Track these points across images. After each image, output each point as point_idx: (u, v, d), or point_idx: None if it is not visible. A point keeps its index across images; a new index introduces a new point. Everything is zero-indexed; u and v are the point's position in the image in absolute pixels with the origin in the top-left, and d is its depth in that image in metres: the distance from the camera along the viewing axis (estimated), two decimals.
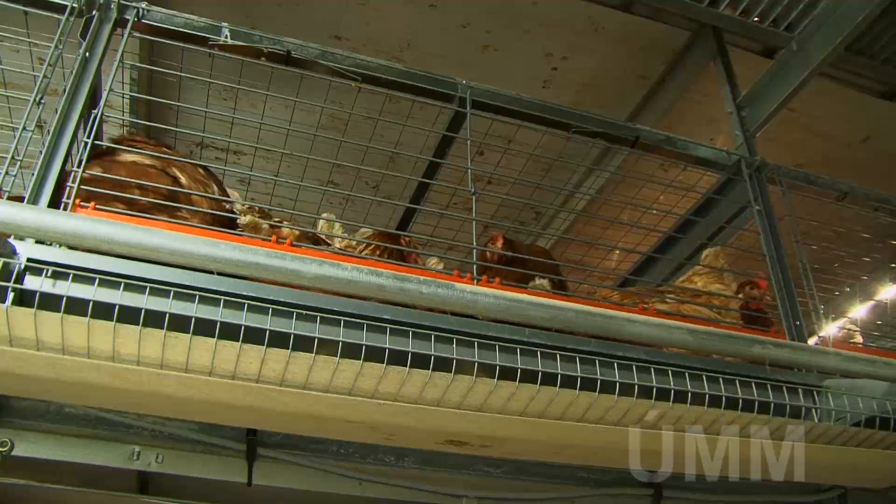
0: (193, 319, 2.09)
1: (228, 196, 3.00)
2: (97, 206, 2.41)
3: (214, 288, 2.20)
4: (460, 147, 3.42)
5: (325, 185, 3.81)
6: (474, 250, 2.88)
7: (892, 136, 5.72)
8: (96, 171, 2.55)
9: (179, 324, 2.07)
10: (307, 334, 2.15)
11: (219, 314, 2.13)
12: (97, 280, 2.05)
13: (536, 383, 2.27)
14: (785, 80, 4.03)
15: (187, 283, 2.17)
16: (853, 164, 5.75)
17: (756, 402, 2.55)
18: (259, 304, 2.18)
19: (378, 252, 3.30)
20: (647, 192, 3.81)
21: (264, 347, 2.11)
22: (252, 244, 2.36)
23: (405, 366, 2.19)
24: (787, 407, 2.63)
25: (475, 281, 2.64)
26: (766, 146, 4.35)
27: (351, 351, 2.18)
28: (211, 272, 2.26)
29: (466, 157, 3.11)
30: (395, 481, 2.66)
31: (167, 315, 2.05)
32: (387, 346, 2.21)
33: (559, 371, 2.31)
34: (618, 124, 3.60)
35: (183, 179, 2.78)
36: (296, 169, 3.74)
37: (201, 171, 2.89)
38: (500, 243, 3.64)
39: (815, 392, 2.80)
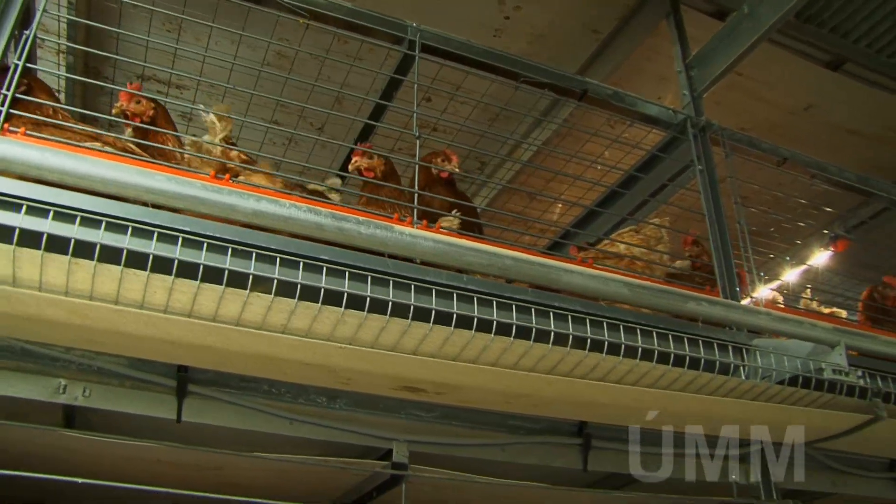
0: (125, 251, 2.03)
1: None
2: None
3: (149, 221, 2.14)
4: (407, 92, 3.37)
5: (268, 124, 3.73)
6: (416, 194, 2.84)
7: (834, 107, 5.81)
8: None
9: (110, 255, 2.02)
10: (242, 270, 2.11)
11: (152, 247, 2.07)
12: (24, 207, 1.98)
13: (472, 329, 2.26)
14: (734, 43, 4.04)
15: (120, 215, 2.10)
16: (795, 132, 5.83)
17: (687, 358, 2.59)
18: (194, 238, 2.12)
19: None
20: (593, 146, 3.81)
21: (198, 282, 2.06)
22: (189, 177, 2.30)
23: (340, 306, 2.17)
24: (717, 363, 2.68)
25: (415, 225, 2.61)
26: (713, 108, 4.39)
27: (285, 289, 2.15)
28: (146, 205, 2.20)
29: (413, 101, 3.06)
30: (326, 422, 2.65)
31: (97, 246, 1.99)
32: (322, 285, 2.18)
33: (494, 318, 2.31)
34: (567, 76, 3.57)
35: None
36: (239, 106, 3.65)
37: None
38: (455, 160, 3.52)
39: (744, 350, 2.86)
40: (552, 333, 2.37)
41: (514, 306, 2.36)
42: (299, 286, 2.16)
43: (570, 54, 4.93)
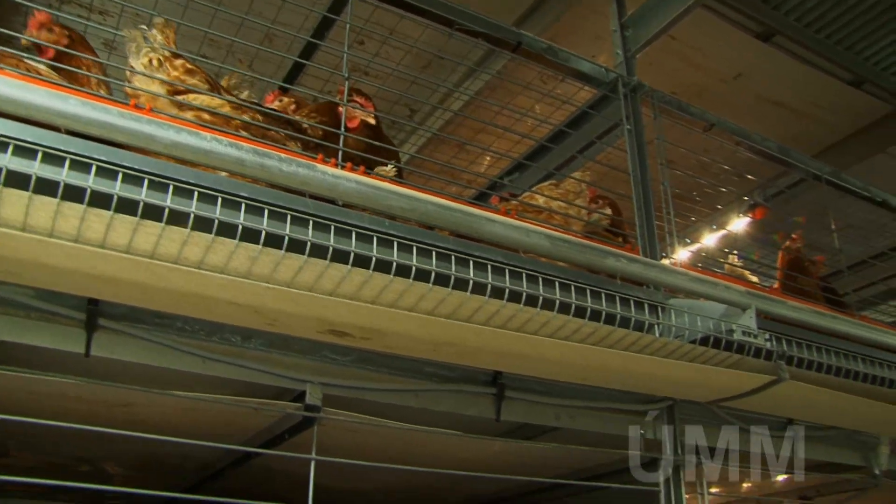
0: (34, 177, 1.95)
1: None
2: None
3: (62, 147, 2.05)
4: (339, 33, 3.30)
5: (195, 57, 3.62)
6: (342, 136, 2.80)
7: (763, 78, 5.92)
8: None
9: (18, 181, 1.93)
10: (158, 203, 2.05)
11: (63, 174, 1.99)
12: None
13: (390, 273, 2.25)
14: (670, 6, 4.06)
15: (30, 139, 2.01)
16: (723, 100, 5.93)
17: (604, 313, 2.63)
18: (110, 167, 2.05)
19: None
20: (524, 100, 3.81)
21: (111, 213, 2.00)
22: (106, 104, 2.21)
23: (258, 244, 2.13)
24: (633, 320, 2.72)
25: (339, 167, 2.57)
26: (645, 70, 4.41)
27: (202, 224, 2.09)
28: (59, 130, 2.11)
29: (345, 42, 3.00)
30: (239, 362, 2.61)
31: (3, 170, 1.91)
32: (240, 222, 2.13)
33: (414, 263, 2.29)
34: (502, 27, 3.54)
35: None
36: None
37: None
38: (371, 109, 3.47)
39: (659, 308, 2.91)
40: (471, 282, 2.37)
41: (434, 253, 2.35)
42: (216, 221, 2.11)
43: (507, 6, 4.89)
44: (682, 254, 4.38)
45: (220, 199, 2.15)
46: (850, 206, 5.34)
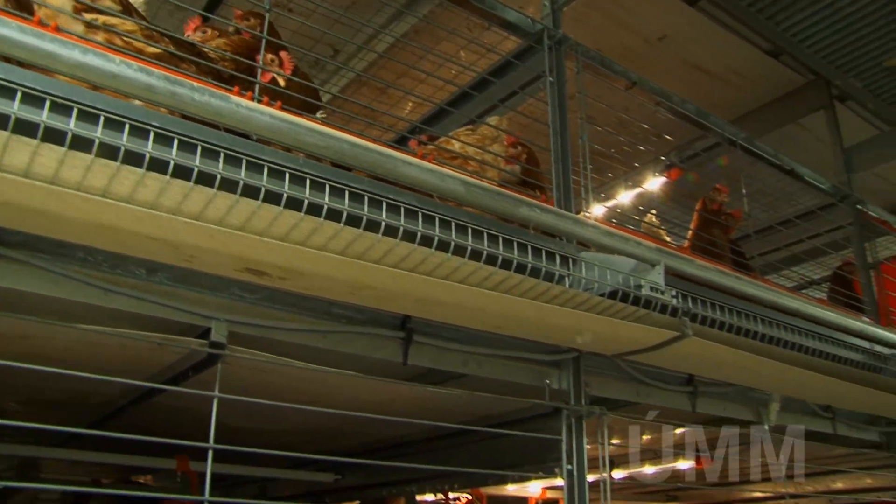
0: None
1: None
2: None
3: None
4: None
5: None
6: (259, 69, 2.73)
7: (687, 42, 6.00)
8: None
9: None
10: (59, 127, 1.96)
11: None
12: None
13: (301, 211, 2.21)
14: None
15: None
16: (647, 61, 5.99)
17: (515, 262, 2.64)
18: (8, 86, 1.94)
19: None
20: (449, 45, 3.77)
21: (8, 134, 1.90)
22: (4, 16, 2.10)
23: (166, 174, 2.06)
24: (543, 271, 2.75)
25: (256, 100, 2.50)
26: (571, 25, 4.41)
27: (108, 152, 2.02)
28: None
29: None
30: (143, 296, 2.54)
31: None
32: (148, 151, 2.06)
33: (326, 202, 2.26)
34: None
35: None
36: None
37: None
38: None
39: (570, 261, 2.94)
40: (383, 224, 2.35)
41: (346, 192, 2.32)
42: (122, 149, 2.03)
43: None
44: (597, 209, 4.43)
45: (127, 126, 2.07)
46: (760, 172, 5.49)
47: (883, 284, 5.94)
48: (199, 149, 2.15)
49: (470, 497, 5.83)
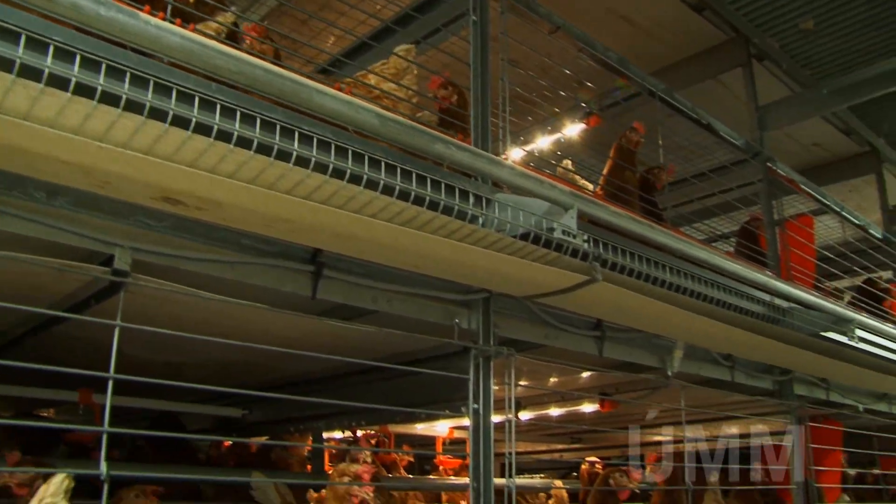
0: None
1: None
2: None
3: None
4: None
5: None
6: None
7: None
8: None
9: None
10: None
11: None
12: None
13: (210, 136, 2.14)
14: None
15: None
16: (573, 7, 5.93)
17: (428, 199, 2.61)
18: None
19: None
20: None
21: None
22: None
23: (66, 91, 1.96)
24: (456, 209, 2.72)
25: (168, 21, 2.39)
26: None
27: (1, 65, 1.91)
28: None
29: None
30: (43, 220, 2.44)
31: None
32: (48, 66, 1.95)
33: (236, 129, 2.19)
34: None
35: None
36: None
37: None
38: None
39: (484, 201, 2.93)
40: (294, 154, 2.30)
41: (258, 120, 2.26)
42: (18, 63, 1.92)
43: None
44: (515, 152, 4.43)
45: (23, 38, 1.96)
46: (678, 125, 5.56)
47: (786, 241, 6.14)
48: (104, 67, 2.05)
49: (378, 434, 5.87)
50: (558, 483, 5.43)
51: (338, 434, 6.16)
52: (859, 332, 5.37)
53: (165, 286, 2.64)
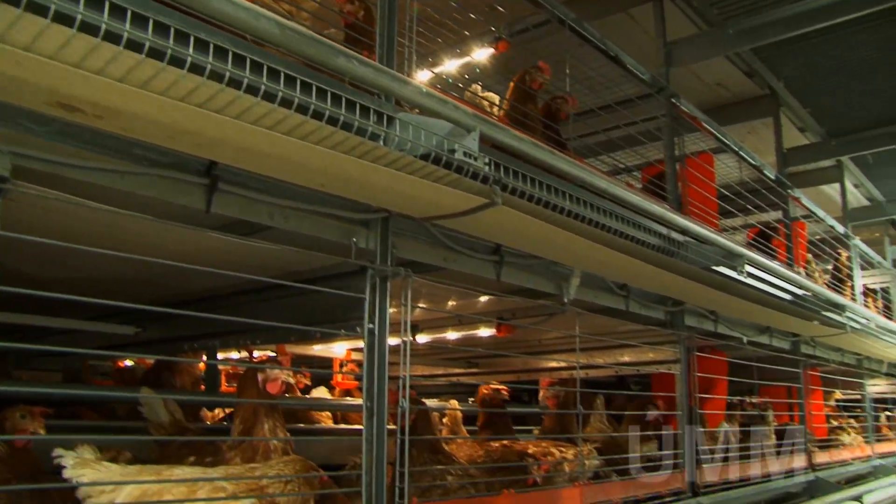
0: None
1: None
2: None
3: None
4: None
5: None
6: None
7: None
8: None
9: None
10: None
11: None
12: None
13: (97, 37, 2.02)
14: None
15: None
16: None
17: (327, 113, 2.55)
18: None
19: None
20: None
21: None
22: None
23: None
24: (356, 125, 2.67)
25: None
26: None
27: None
28: None
29: None
30: None
31: None
32: None
33: (126, 30, 2.07)
34: None
35: None
36: None
37: None
38: None
39: (386, 118, 2.88)
40: (189, 60, 2.20)
41: (150, 22, 2.14)
42: None
43: None
44: (422, 74, 4.37)
45: None
46: (587, 55, 5.57)
47: (686, 177, 6.28)
48: None
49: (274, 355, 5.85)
50: (454, 403, 5.53)
51: (235, 354, 6.11)
52: (748, 268, 5.57)
53: (49, 194, 2.53)
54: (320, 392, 6.98)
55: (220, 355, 5.46)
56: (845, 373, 10.16)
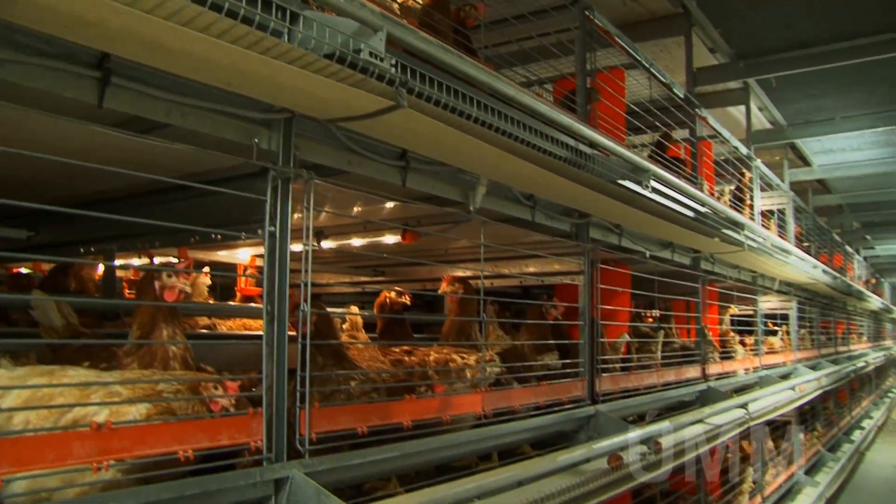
0: None
1: None
2: None
3: None
4: None
5: None
6: None
7: None
8: None
9: None
10: None
11: None
12: None
13: None
14: None
15: None
16: None
17: (226, 5, 2.42)
18: None
19: None
20: None
21: None
22: None
23: None
24: (258, 19, 2.56)
25: None
26: None
27: None
28: None
29: None
30: None
31: None
32: None
33: None
34: None
35: None
36: None
37: None
38: None
39: (290, 14, 2.77)
40: None
41: None
42: None
43: None
44: None
45: None
46: None
47: (596, 90, 6.30)
48: None
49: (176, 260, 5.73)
50: (354, 309, 5.53)
51: (136, 262, 5.97)
52: (654, 183, 5.67)
53: None
54: None
55: (119, 262, 5.32)
56: (741, 289, 10.56)
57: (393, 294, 5.37)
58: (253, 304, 6.61)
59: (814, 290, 15.66)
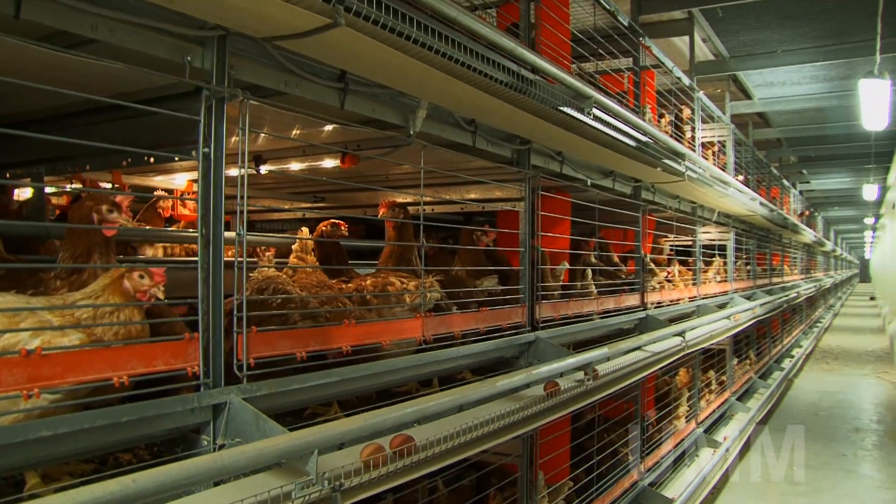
0: None
1: None
2: None
3: None
4: None
5: None
6: None
7: None
8: None
9: None
10: None
11: None
12: None
13: None
14: None
15: None
16: None
17: None
18: None
19: None
20: None
21: None
22: None
23: None
24: None
25: None
26: None
27: None
28: None
29: None
30: None
31: None
32: None
33: None
34: None
35: None
36: None
37: None
38: None
39: None
40: None
41: None
42: None
43: None
44: None
45: None
46: None
47: (540, 16, 6.23)
48: None
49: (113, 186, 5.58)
50: (304, 231, 5.43)
51: (68, 187, 5.79)
52: (596, 111, 5.65)
53: None
54: None
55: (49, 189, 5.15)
56: (680, 220, 10.71)
57: (331, 223, 5.29)
58: (189, 230, 6.47)
59: (751, 223, 15.99)
